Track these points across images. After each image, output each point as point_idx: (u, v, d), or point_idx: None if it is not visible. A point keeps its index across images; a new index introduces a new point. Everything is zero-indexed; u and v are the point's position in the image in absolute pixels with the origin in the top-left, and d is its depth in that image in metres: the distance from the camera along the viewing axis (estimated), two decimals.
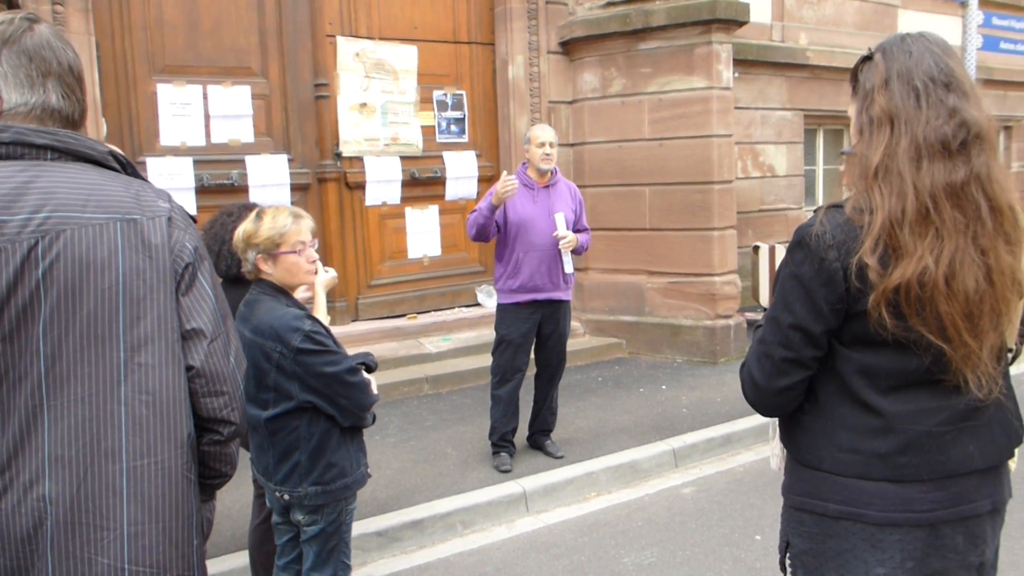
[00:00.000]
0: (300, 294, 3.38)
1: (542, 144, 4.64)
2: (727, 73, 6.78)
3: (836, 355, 1.64)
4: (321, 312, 3.25)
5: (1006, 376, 1.66)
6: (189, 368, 1.45)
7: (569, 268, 4.70)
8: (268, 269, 2.60)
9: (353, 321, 6.96)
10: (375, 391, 2.72)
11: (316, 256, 2.76)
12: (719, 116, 6.76)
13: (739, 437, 5.26)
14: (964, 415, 1.58)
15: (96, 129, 5.72)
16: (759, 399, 1.75)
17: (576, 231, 4.79)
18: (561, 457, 4.89)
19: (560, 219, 4.61)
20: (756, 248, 7.86)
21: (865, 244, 1.51)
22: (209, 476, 1.60)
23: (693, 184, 6.83)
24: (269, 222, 2.58)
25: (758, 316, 7.99)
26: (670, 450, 5.00)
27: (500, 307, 4.80)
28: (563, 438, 5.16)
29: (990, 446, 1.62)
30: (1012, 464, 1.74)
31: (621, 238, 7.21)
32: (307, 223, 2.67)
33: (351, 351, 7.22)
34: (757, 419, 5.42)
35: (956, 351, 1.52)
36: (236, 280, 3.19)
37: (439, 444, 5.23)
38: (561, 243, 4.60)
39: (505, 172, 4.51)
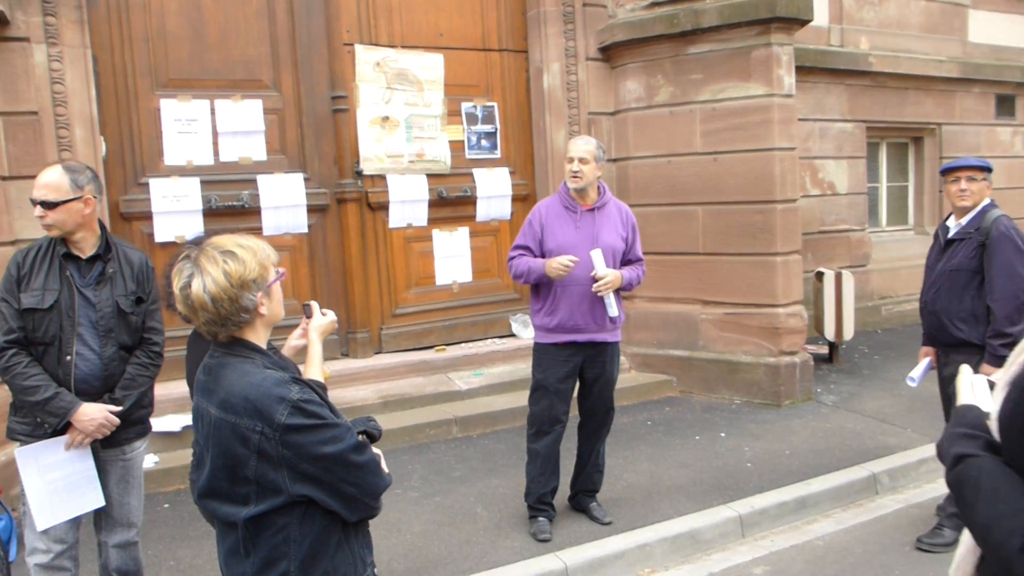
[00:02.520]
0: (293, 342, 2.76)
1: (571, 159, 3.97)
2: (789, 78, 6.07)
3: None
4: (315, 366, 2.61)
5: None
6: None
7: (613, 311, 3.99)
8: (265, 309, 1.99)
9: (376, 353, 6.35)
10: (386, 469, 2.07)
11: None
12: (781, 127, 6.04)
13: (815, 501, 4.51)
14: None
15: (94, 149, 5.20)
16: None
17: (627, 262, 4.12)
18: (609, 523, 4.20)
19: (597, 256, 3.89)
20: (820, 275, 7.13)
21: None
22: None
23: (752, 203, 6.12)
24: (246, 251, 1.96)
25: (822, 349, 7.21)
26: (735, 516, 4.27)
27: (537, 347, 4.13)
28: (610, 497, 4.48)
29: None
30: None
31: (671, 263, 6.51)
32: None
33: (373, 387, 6.54)
34: (835, 478, 4.69)
35: None
36: None
37: (468, 501, 4.56)
38: (596, 286, 3.89)
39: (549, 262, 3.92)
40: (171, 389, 5.37)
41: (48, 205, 2.85)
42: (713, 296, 6.38)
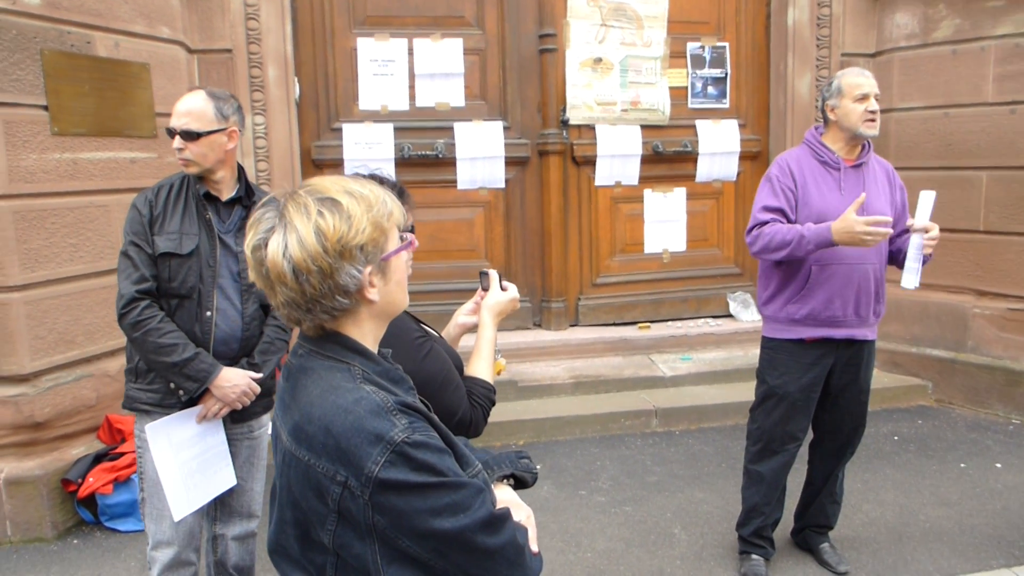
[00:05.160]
0: (460, 319, 2.13)
1: (864, 96, 2.97)
2: None
3: None
4: (485, 357, 1.97)
5: None
6: None
7: (913, 282, 2.98)
8: (374, 293, 1.28)
9: (571, 326, 5.71)
10: (535, 547, 1.33)
11: None
12: None
13: None
14: None
15: (287, 90, 4.91)
16: None
17: (899, 235, 3.14)
18: (844, 573, 3.28)
19: (927, 201, 2.92)
20: None
21: None
22: None
23: None
24: (356, 202, 1.23)
25: None
26: None
27: (770, 343, 3.23)
28: (845, 536, 3.55)
29: None
30: None
31: (939, 242, 5.25)
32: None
33: (565, 365, 5.78)
34: None
35: None
36: None
37: (664, 517, 3.81)
38: (926, 238, 2.93)
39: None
40: None
41: (190, 136, 2.40)
42: (993, 286, 5.07)
